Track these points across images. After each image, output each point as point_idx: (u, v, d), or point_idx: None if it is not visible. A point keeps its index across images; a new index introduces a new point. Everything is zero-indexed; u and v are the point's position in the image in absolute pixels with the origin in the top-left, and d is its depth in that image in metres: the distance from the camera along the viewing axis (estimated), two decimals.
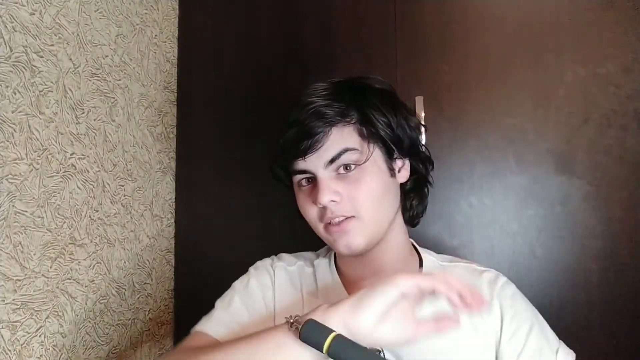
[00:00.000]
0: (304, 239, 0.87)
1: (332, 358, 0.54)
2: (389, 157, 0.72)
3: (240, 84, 1.20)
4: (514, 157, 1.04)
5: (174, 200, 1.23)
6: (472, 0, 1.08)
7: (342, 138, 0.69)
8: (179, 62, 1.25)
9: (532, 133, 1.03)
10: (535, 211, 1.02)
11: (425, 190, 0.80)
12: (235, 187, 1.19)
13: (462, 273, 0.76)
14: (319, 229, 0.72)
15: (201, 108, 1.23)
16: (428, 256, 0.79)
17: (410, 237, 0.81)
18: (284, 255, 0.84)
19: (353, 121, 0.70)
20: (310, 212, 0.71)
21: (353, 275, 0.77)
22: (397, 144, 0.72)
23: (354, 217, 0.68)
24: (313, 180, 0.71)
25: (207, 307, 0.84)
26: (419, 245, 0.82)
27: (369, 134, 0.70)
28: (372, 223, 0.69)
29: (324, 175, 0.69)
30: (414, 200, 0.78)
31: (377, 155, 0.71)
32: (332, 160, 0.68)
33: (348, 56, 1.13)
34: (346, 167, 0.69)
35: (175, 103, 1.25)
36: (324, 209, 0.69)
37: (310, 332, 0.54)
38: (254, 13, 1.20)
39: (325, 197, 0.67)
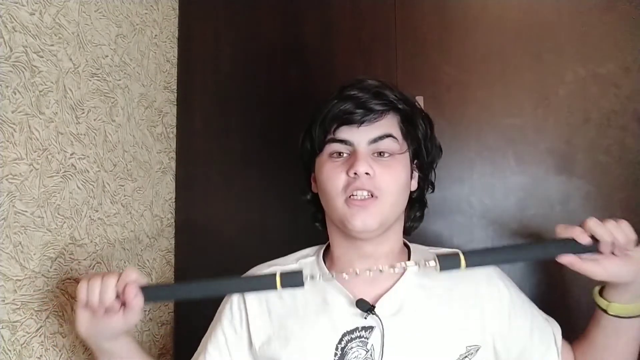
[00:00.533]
0: (303, 239, 0.88)
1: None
2: (411, 162, 0.78)
3: (240, 84, 1.20)
4: (514, 157, 1.04)
5: (174, 200, 1.23)
6: (472, 0, 1.08)
7: (390, 125, 0.76)
8: (179, 62, 1.25)
9: (532, 133, 1.03)
10: (535, 211, 1.02)
11: (424, 208, 0.85)
12: (235, 187, 1.19)
13: None
14: (338, 201, 0.73)
15: (201, 108, 1.23)
16: (415, 245, 0.83)
17: (410, 236, 0.84)
18: (253, 268, 0.85)
19: (401, 116, 0.77)
20: (337, 182, 0.73)
21: (345, 268, 0.77)
22: (423, 153, 0.80)
23: (377, 197, 0.72)
24: (349, 154, 0.75)
25: (206, 307, 0.84)
26: (418, 240, 0.85)
27: (409, 133, 0.77)
28: (389, 208, 0.73)
29: (365, 149, 0.73)
30: (417, 212, 0.84)
31: (407, 154, 0.77)
32: (375, 140, 0.74)
33: (348, 56, 1.14)
34: (380, 153, 0.74)
35: (175, 103, 1.25)
36: (353, 179, 0.72)
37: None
38: (254, 13, 1.20)
39: (363, 166, 0.71)
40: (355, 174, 0.71)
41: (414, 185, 0.81)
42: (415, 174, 0.81)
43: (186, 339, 1.19)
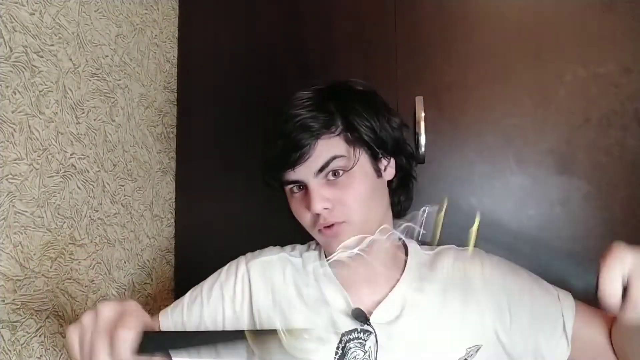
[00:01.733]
0: (303, 239, 0.87)
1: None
2: (375, 159, 0.75)
3: (240, 84, 1.20)
4: (514, 157, 1.04)
5: (174, 200, 1.23)
6: (472, 0, 1.08)
7: (329, 147, 0.71)
8: (179, 62, 1.25)
9: (532, 133, 1.03)
10: (535, 211, 1.02)
11: (411, 185, 0.84)
12: (235, 187, 1.19)
13: (454, 254, 0.80)
14: (314, 232, 0.76)
15: (201, 108, 1.23)
16: (413, 245, 0.82)
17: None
18: (264, 250, 0.87)
19: (338, 131, 0.72)
20: (304, 218, 0.75)
21: (344, 266, 0.78)
22: (381, 146, 0.75)
23: (345, 222, 0.71)
24: (304, 187, 0.74)
25: None
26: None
27: (354, 139, 0.73)
28: (362, 225, 0.72)
29: (315, 183, 0.72)
30: (401, 196, 0.82)
31: (363, 159, 0.73)
32: (321, 169, 0.71)
33: (348, 56, 1.13)
34: (334, 173, 0.72)
35: (175, 103, 1.25)
36: (317, 215, 0.72)
37: None
38: (254, 13, 1.20)
39: (318, 206, 0.70)
40: (316, 214, 0.71)
41: (390, 174, 0.79)
42: (387, 161, 0.78)
43: None
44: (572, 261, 0.72)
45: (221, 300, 0.80)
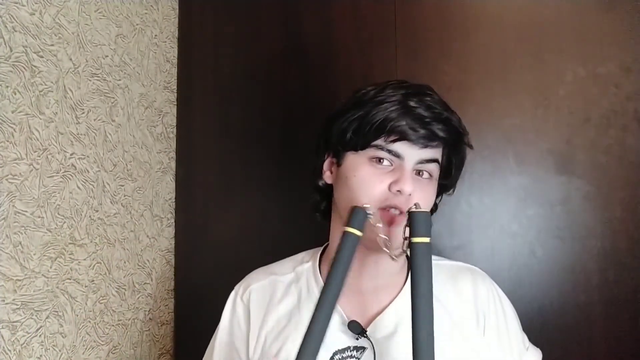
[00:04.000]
0: (302, 238, 0.87)
1: None
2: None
3: (240, 84, 1.20)
4: (514, 157, 1.04)
5: (174, 200, 1.23)
6: (472, 0, 1.08)
7: (439, 150, 0.73)
8: (179, 62, 1.25)
9: (532, 133, 1.03)
10: (535, 211, 1.02)
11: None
12: (235, 187, 1.19)
13: (447, 271, 0.78)
14: (371, 206, 0.70)
15: (201, 108, 1.23)
16: None
17: None
18: (252, 275, 0.83)
19: (449, 145, 0.75)
20: (375, 191, 0.69)
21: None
22: (448, 181, 0.78)
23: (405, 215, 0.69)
24: (389, 165, 0.71)
25: (207, 307, 0.84)
26: None
27: (449, 163, 0.76)
28: None
29: (412, 167, 0.70)
30: None
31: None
32: (423, 162, 0.71)
33: (348, 56, 1.13)
34: (419, 172, 0.71)
35: (175, 103, 1.25)
36: (393, 195, 0.68)
37: None
38: (254, 13, 1.20)
39: (410, 187, 0.67)
40: (398, 191, 0.68)
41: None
42: None
43: (186, 339, 1.19)
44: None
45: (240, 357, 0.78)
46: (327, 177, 0.78)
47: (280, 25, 1.19)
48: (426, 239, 0.60)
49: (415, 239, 0.60)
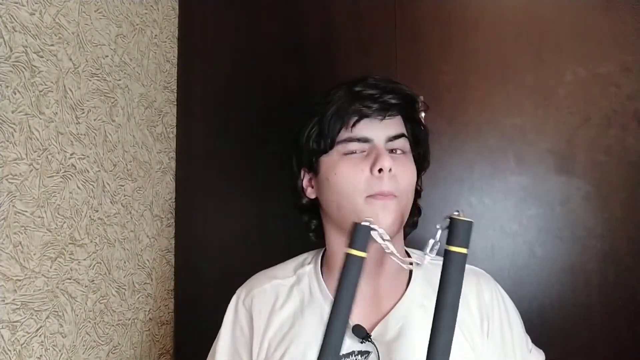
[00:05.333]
0: (303, 237, 0.87)
1: None
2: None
3: (240, 83, 1.20)
4: (514, 157, 1.04)
5: (174, 200, 1.23)
6: (472, 0, 1.08)
7: (401, 124, 0.74)
8: (179, 62, 1.25)
9: (532, 133, 1.03)
10: (535, 211, 1.02)
11: (420, 212, 0.83)
12: (235, 187, 1.19)
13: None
14: (358, 200, 0.69)
15: (201, 108, 1.23)
16: (416, 256, 0.79)
17: (410, 236, 0.82)
18: (253, 279, 0.83)
19: (407, 116, 0.75)
20: (357, 179, 0.69)
21: None
22: (421, 159, 0.78)
23: (396, 196, 0.69)
24: (363, 153, 0.71)
25: (206, 307, 0.84)
26: (418, 245, 0.82)
27: (414, 135, 0.76)
28: (405, 209, 0.71)
29: (384, 146, 0.71)
30: (415, 217, 0.81)
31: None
32: (392, 138, 0.71)
33: (348, 56, 1.14)
34: (393, 151, 0.72)
35: (175, 103, 1.25)
36: (376, 178, 0.68)
37: None
38: (254, 13, 1.20)
39: (388, 161, 0.68)
40: (380, 170, 0.67)
41: None
42: None
43: (186, 339, 1.19)
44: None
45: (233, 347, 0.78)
46: (310, 192, 0.79)
47: (280, 25, 1.19)
48: (464, 250, 0.55)
49: (453, 248, 0.55)
